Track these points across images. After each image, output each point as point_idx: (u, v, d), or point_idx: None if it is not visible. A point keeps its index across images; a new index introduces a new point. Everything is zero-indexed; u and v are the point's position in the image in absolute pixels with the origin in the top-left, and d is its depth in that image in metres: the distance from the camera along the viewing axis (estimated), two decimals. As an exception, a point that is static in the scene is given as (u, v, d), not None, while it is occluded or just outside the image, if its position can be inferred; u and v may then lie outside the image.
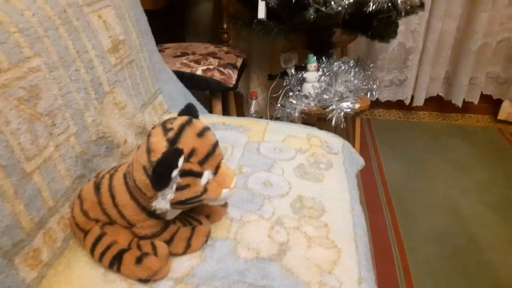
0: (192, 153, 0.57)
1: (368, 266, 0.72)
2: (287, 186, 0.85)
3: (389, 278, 1.26)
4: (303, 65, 1.69)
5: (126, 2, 0.99)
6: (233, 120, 1.14)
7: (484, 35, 2.07)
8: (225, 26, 1.67)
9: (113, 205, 0.62)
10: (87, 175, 0.73)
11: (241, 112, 2.23)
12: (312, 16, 1.40)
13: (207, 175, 0.59)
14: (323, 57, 1.65)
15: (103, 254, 0.62)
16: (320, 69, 1.64)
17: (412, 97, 2.28)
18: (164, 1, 1.46)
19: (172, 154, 0.54)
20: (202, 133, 0.59)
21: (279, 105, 1.68)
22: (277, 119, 1.69)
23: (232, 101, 1.76)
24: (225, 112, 1.78)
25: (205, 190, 0.60)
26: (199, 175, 0.58)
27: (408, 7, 1.49)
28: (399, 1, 1.39)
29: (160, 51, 1.51)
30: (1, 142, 0.54)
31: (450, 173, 1.80)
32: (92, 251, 0.63)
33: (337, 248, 0.70)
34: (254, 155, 0.96)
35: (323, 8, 1.38)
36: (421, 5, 1.58)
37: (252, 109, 1.96)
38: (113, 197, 0.62)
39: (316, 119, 2.17)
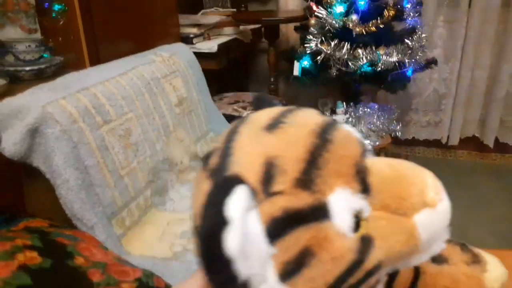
0: (270, 170, 0.30)
1: None
2: None
3: None
4: (334, 108, 2.07)
5: (190, 72, 1.50)
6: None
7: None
8: (272, 79, 2.13)
9: None
10: (154, 180, 1.20)
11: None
12: (334, 74, 1.80)
13: (342, 201, 0.30)
14: (351, 103, 2.02)
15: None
16: (347, 113, 2.00)
17: (448, 136, 2.50)
18: (226, 61, 1.96)
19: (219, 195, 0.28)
20: (273, 124, 0.34)
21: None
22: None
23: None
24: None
25: (366, 243, 0.30)
26: (320, 213, 0.29)
27: (422, 63, 1.83)
28: (406, 61, 1.73)
29: (220, 99, 2.01)
30: (109, 159, 1.03)
31: (471, 205, 2.01)
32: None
33: None
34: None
35: (343, 68, 1.78)
36: (434, 62, 1.89)
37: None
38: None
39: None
